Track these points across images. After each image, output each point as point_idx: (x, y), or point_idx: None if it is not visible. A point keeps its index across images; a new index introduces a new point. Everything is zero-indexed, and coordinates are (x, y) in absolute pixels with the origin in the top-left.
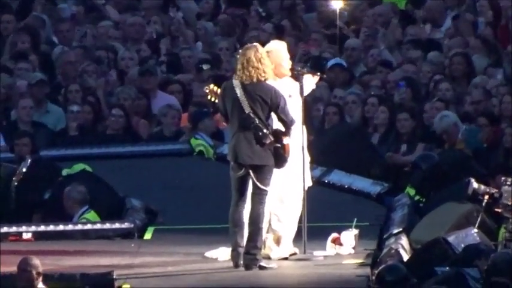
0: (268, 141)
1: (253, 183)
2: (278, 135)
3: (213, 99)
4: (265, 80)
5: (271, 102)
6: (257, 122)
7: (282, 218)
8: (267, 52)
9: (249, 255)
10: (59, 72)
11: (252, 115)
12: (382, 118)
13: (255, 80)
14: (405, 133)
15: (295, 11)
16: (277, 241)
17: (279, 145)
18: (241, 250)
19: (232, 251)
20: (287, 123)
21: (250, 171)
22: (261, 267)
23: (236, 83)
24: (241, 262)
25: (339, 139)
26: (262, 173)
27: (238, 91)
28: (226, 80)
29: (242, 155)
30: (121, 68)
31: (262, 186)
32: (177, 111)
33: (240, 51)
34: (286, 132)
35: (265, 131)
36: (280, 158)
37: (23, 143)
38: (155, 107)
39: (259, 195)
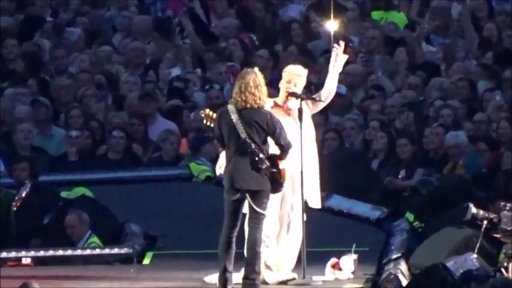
0: (264, 166)
1: (250, 208)
2: (274, 160)
3: (208, 123)
4: (260, 106)
5: (268, 128)
6: (253, 147)
7: (269, 243)
8: (283, 72)
9: (248, 280)
10: (54, 97)
11: (248, 140)
12: (381, 143)
13: (248, 105)
14: (405, 158)
15: (298, 36)
16: (268, 265)
17: (274, 170)
18: (229, 275)
19: (220, 275)
20: (284, 147)
21: (247, 195)
22: None
23: (231, 108)
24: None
25: (339, 164)
26: (259, 197)
27: (234, 116)
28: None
29: (239, 180)
30: (122, 93)
31: (259, 210)
32: (176, 136)
33: (239, 75)
34: (282, 156)
35: (261, 156)
36: (276, 182)
37: (21, 168)
38: (154, 133)
39: (255, 220)
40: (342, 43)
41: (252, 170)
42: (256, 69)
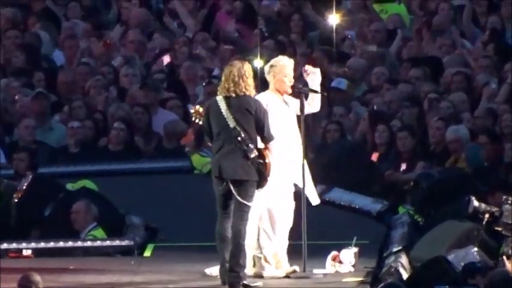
0: (253, 155)
1: (235, 199)
2: (261, 153)
3: (197, 120)
4: (247, 94)
5: (256, 114)
6: (243, 135)
7: (272, 236)
8: (272, 66)
9: (233, 273)
10: (58, 89)
11: (237, 128)
12: (382, 137)
13: (236, 94)
14: (405, 151)
15: (290, 28)
16: (267, 259)
17: (261, 161)
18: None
19: (220, 267)
20: (266, 138)
21: (232, 186)
22: (245, 286)
23: (220, 98)
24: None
25: (339, 156)
26: (244, 188)
27: (222, 105)
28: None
29: (227, 168)
30: (122, 85)
31: (244, 201)
32: (177, 127)
33: (228, 64)
34: (267, 148)
35: (250, 145)
36: (261, 175)
37: (20, 158)
38: (156, 124)
39: (240, 212)
40: (308, 66)
41: (241, 159)
42: (243, 61)
